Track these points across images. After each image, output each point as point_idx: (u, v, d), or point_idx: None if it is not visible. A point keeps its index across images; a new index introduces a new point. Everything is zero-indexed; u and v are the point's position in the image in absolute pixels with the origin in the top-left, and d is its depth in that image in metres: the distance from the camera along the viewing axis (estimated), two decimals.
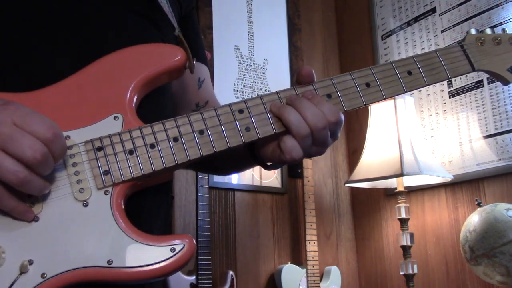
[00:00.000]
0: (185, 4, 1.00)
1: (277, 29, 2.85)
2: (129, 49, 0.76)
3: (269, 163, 0.83)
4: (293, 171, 2.64)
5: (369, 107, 2.34)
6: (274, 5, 2.87)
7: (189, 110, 0.99)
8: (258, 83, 2.68)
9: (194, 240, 0.69)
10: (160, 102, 0.85)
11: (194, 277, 2.01)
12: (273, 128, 0.75)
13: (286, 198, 2.63)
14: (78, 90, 0.72)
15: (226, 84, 2.56)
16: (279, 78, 2.76)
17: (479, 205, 2.00)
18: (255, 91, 2.66)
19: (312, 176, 2.43)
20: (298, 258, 2.55)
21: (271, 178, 2.58)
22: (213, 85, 1.08)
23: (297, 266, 2.40)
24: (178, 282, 1.99)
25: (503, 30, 0.90)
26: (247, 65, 2.67)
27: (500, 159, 2.18)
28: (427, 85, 0.84)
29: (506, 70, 0.87)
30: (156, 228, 0.83)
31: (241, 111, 0.75)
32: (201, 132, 0.73)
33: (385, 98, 0.81)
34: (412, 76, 0.82)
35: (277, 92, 0.78)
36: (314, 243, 2.33)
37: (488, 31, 0.89)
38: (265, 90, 2.70)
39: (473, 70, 0.86)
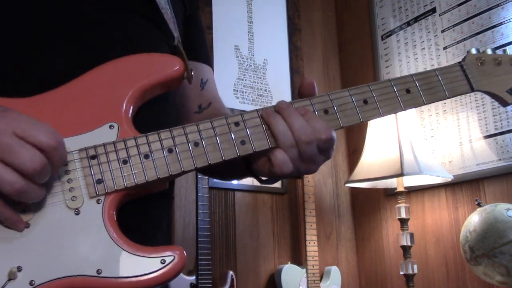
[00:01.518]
0: (189, 4, 0.99)
1: (277, 29, 2.85)
2: (127, 58, 0.76)
3: (263, 178, 0.82)
4: None
5: None
6: (274, 5, 2.87)
7: (191, 113, 0.98)
8: (258, 83, 2.68)
9: (184, 252, 0.69)
10: (162, 109, 0.85)
11: (194, 277, 2.01)
12: (268, 143, 0.75)
13: (286, 198, 2.63)
14: (75, 98, 0.72)
15: (226, 84, 2.56)
16: (279, 78, 2.76)
17: (479, 205, 2.00)
18: (255, 91, 2.66)
19: (312, 176, 2.43)
20: (298, 258, 2.55)
21: None
22: None
23: (297, 266, 2.40)
24: (178, 282, 1.99)
25: (504, 51, 0.89)
26: (247, 65, 2.67)
27: (500, 159, 2.18)
28: (425, 104, 0.83)
29: (506, 92, 0.87)
30: (160, 233, 0.83)
31: (237, 124, 0.75)
32: (196, 143, 0.73)
33: (382, 116, 0.81)
34: (411, 94, 0.82)
35: (274, 107, 0.77)
36: (314, 243, 2.33)
37: (489, 51, 0.89)
38: (265, 90, 2.70)
39: (472, 90, 0.85)
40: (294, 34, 2.88)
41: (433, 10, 2.55)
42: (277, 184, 2.60)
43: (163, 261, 0.67)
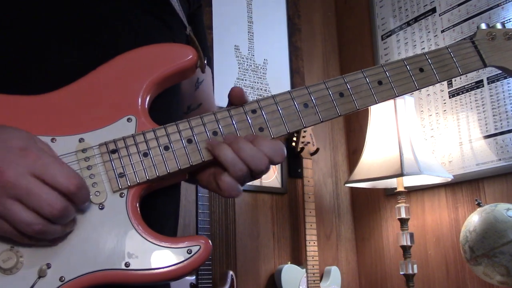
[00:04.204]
0: (192, 1, 0.99)
1: (277, 29, 2.85)
2: (140, 50, 0.76)
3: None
4: (293, 171, 2.64)
5: (369, 107, 2.34)
6: (274, 5, 2.87)
7: (180, 112, 0.98)
8: (258, 83, 2.68)
9: (210, 242, 0.69)
10: (171, 101, 0.84)
11: (194, 277, 2.01)
12: (287, 128, 0.75)
13: (286, 198, 2.63)
14: (91, 92, 0.72)
15: (226, 84, 2.56)
16: (279, 78, 2.76)
17: (479, 205, 2.00)
18: (255, 91, 2.66)
19: (312, 176, 2.43)
20: (298, 258, 2.55)
21: (271, 178, 2.58)
22: (213, 85, 1.07)
23: (297, 266, 2.40)
24: (178, 282, 1.99)
25: None
26: (247, 65, 2.67)
27: (500, 159, 2.18)
28: (439, 82, 0.83)
29: None
30: (167, 228, 0.82)
31: (254, 111, 0.75)
32: (214, 133, 0.73)
33: (397, 96, 0.81)
34: (424, 73, 0.82)
35: (289, 92, 0.77)
36: (314, 243, 2.33)
37: (499, 26, 0.89)
38: (265, 90, 2.70)
39: (485, 66, 0.86)
40: (294, 34, 2.88)
41: (433, 10, 2.56)
42: (277, 184, 2.60)
43: (189, 251, 0.67)
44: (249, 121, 0.74)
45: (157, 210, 0.80)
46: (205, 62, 0.83)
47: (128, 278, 0.66)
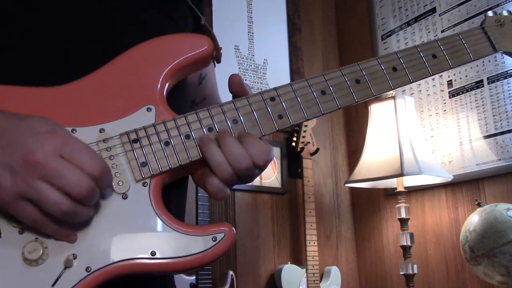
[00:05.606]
0: None
1: (277, 29, 2.85)
2: (157, 40, 0.76)
3: None
4: (293, 171, 2.64)
5: (369, 107, 2.35)
6: (274, 5, 2.87)
7: (187, 107, 0.98)
8: (258, 83, 2.68)
9: (234, 229, 0.69)
10: (180, 94, 0.85)
11: (194, 277, 2.01)
12: (305, 115, 0.76)
13: (286, 198, 2.63)
14: (109, 83, 0.72)
15: (226, 84, 2.56)
16: (279, 78, 2.76)
17: (479, 205, 2.00)
18: (255, 91, 2.65)
19: (312, 176, 2.43)
20: (298, 258, 2.55)
21: (271, 178, 2.58)
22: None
23: (297, 266, 2.40)
24: (178, 282, 1.99)
25: None
26: (247, 65, 2.67)
27: (500, 159, 2.18)
28: (452, 68, 0.85)
29: None
30: (180, 219, 0.83)
31: (272, 99, 0.76)
32: (234, 121, 0.73)
33: (412, 82, 0.82)
34: (437, 59, 0.84)
35: (306, 79, 0.78)
36: (314, 243, 2.33)
37: (505, 13, 0.91)
38: None
39: (495, 51, 0.88)
40: (294, 34, 2.88)
41: (433, 10, 2.56)
42: (277, 184, 2.60)
43: (214, 239, 0.67)
44: (269, 109, 0.75)
45: (173, 200, 0.80)
46: (221, 51, 0.83)
47: (154, 267, 0.66)
